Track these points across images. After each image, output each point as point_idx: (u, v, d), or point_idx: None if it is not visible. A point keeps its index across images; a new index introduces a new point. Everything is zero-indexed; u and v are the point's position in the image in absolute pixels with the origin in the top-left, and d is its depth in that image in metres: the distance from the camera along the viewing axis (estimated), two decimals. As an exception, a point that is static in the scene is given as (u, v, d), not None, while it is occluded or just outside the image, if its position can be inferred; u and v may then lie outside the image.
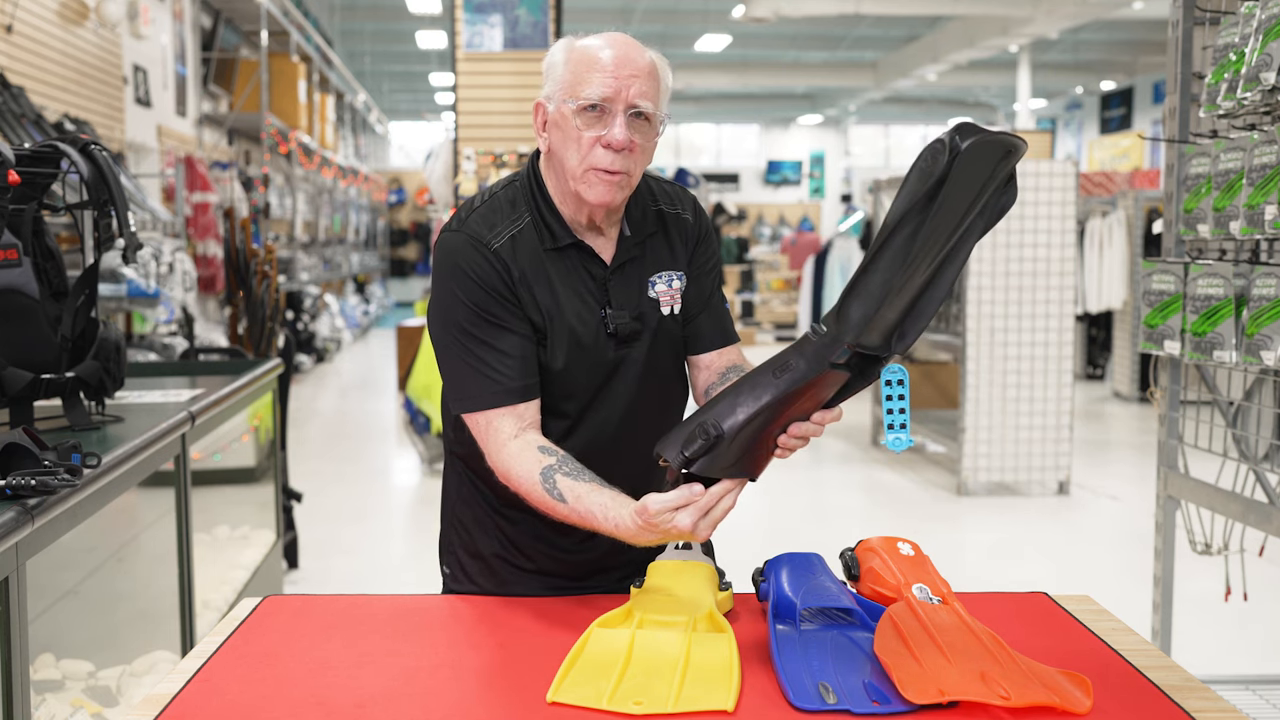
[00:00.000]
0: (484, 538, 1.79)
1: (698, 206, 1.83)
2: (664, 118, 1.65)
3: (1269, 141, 2.43)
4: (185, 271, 6.13)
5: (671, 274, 1.74)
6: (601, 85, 1.57)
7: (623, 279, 1.70)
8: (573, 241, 1.68)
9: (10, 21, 5.43)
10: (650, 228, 1.74)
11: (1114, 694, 1.31)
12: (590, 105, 1.58)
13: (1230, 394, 2.90)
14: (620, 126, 1.58)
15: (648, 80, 1.60)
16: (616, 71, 1.58)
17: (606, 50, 1.60)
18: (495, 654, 1.44)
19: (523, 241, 1.66)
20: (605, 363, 1.69)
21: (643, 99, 1.59)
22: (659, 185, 1.81)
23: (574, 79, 1.60)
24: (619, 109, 1.58)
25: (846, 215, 12.73)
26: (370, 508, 6.18)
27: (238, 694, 1.32)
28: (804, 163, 25.32)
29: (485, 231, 1.65)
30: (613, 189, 1.61)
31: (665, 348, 1.75)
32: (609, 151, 1.59)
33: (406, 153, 24.75)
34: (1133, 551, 5.13)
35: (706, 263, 1.80)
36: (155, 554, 3.03)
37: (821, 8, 13.08)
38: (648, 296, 1.72)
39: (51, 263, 2.42)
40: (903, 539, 1.60)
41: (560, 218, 1.68)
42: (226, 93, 9.87)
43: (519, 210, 1.68)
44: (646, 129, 1.62)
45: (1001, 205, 1.34)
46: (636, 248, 1.72)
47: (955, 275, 1.34)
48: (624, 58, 1.59)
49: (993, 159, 1.29)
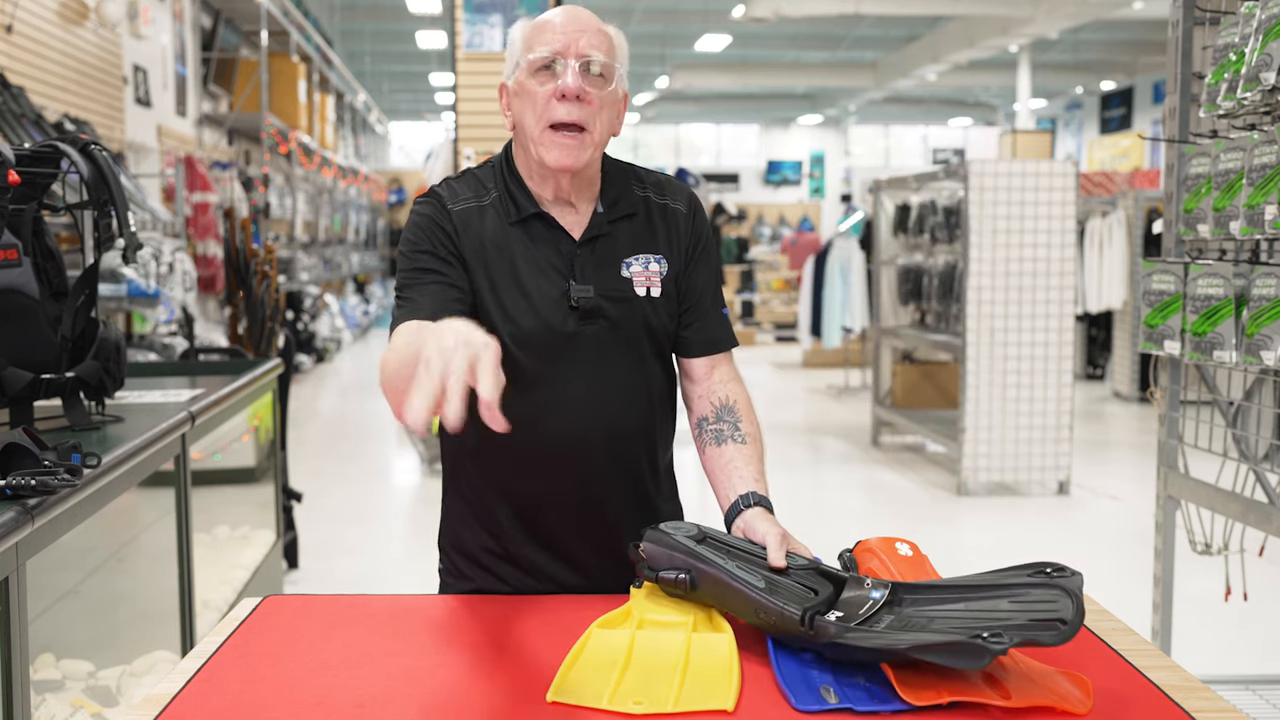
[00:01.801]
0: (468, 532, 1.79)
1: (695, 202, 1.81)
2: (621, 79, 1.66)
3: (1269, 141, 2.43)
4: (185, 271, 6.12)
5: (649, 256, 1.72)
6: (550, 42, 1.61)
7: (592, 255, 1.69)
8: (535, 212, 1.68)
9: (10, 21, 5.43)
10: (628, 209, 1.73)
11: (1114, 694, 1.30)
12: (543, 64, 1.61)
13: (1230, 394, 2.90)
14: (572, 74, 1.60)
15: (597, 35, 1.63)
16: (564, 28, 1.62)
17: (558, 16, 1.64)
18: (495, 654, 1.44)
19: (488, 216, 1.69)
20: (564, 335, 1.66)
21: (594, 49, 1.61)
22: (651, 175, 1.81)
23: (525, 46, 1.64)
24: (570, 60, 1.61)
25: (846, 215, 12.72)
26: (370, 508, 6.18)
27: (238, 694, 1.32)
28: (804, 163, 25.33)
29: (448, 197, 1.70)
30: (571, 150, 1.61)
31: (640, 329, 1.71)
32: (564, 104, 1.60)
33: (406, 153, 24.75)
34: (1133, 551, 5.13)
35: (699, 260, 1.77)
36: (155, 554, 3.03)
37: (821, 8, 13.09)
38: (621, 275, 1.70)
39: (51, 263, 2.42)
40: (901, 539, 1.60)
41: (527, 191, 1.70)
42: (226, 93, 9.87)
43: (487, 188, 1.71)
44: (601, 83, 1.63)
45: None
46: (610, 225, 1.71)
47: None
48: (572, 17, 1.64)
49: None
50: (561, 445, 1.69)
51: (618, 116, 1.70)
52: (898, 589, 1.40)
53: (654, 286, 1.72)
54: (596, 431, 1.69)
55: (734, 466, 1.69)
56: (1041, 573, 1.35)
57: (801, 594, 1.41)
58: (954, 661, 1.22)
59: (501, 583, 1.77)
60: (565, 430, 1.68)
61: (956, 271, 6.84)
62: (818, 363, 11.81)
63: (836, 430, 8.49)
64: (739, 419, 1.75)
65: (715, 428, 1.75)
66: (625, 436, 1.72)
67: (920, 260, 7.60)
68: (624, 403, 1.71)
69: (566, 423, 1.68)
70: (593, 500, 1.72)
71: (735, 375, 1.81)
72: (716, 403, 1.77)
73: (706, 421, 1.76)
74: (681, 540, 1.49)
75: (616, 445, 1.71)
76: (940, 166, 8.16)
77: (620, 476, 1.74)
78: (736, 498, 1.65)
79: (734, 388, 1.79)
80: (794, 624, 1.34)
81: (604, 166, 1.75)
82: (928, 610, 1.36)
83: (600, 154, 1.70)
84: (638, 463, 1.76)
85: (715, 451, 1.73)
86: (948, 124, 25.73)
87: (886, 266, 8.03)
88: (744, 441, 1.72)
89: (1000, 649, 1.19)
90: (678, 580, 1.45)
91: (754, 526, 1.58)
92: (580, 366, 1.68)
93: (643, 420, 1.75)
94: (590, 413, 1.69)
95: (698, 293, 1.77)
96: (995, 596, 1.33)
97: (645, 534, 1.52)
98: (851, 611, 1.35)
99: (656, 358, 1.76)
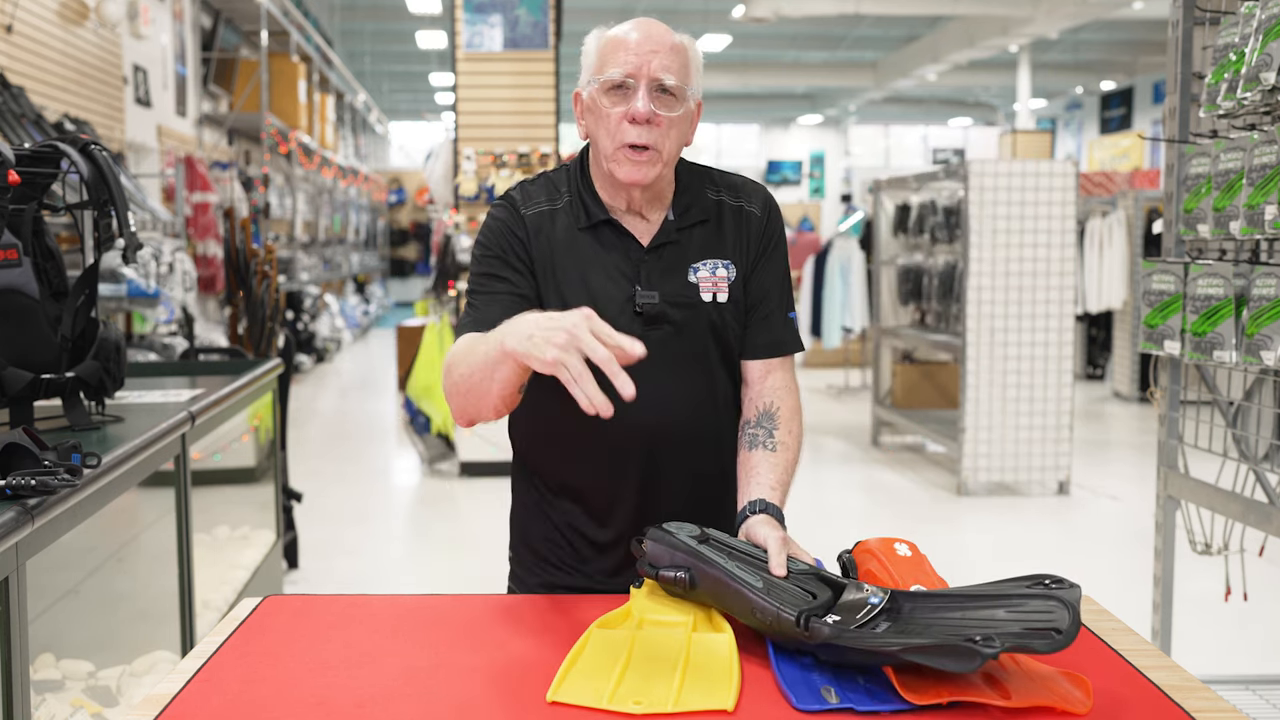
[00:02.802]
0: (534, 527, 1.82)
1: (770, 204, 1.82)
2: (694, 93, 1.68)
3: (1269, 141, 2.43)
4: (185, 271, 6.13)
5: (718, 262, 1.74)
6: (624, 63, 1.63)
7: (660, 261, 1.71)
8: (605, 219, 1.71)
9: (10, 21, 5.43)
10: (700, 215, 1.75)
11: (1114, 694, 1.30)
12: (615, 84, 1.64)
13: (1230, 394, 2.90)
14: (643, 98, 1.62)
15: (670, 55, 1.64)
16: (638, 49, 1.63)
17: (632, 32, 1.66)
18: (495, 654, 1.44)
19: (559, 219, 1.72)
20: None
21: (665, 72, 1.63)
22: (724, 177, 1.83)
23: (600, 62, 1.66)
24: (641, 83, 1.63)
25: (846, 215, 12.72)
26: (370, 508, 6.18)
27: (238, 694, 1.32)
28: (804, 163, 25.32)
29: (522, 201, 1.74)
30: (642, 166, 1.64)
31: (706, 335, 1.73)
32: (635, 126, 1.62)
33: (406, 153, 24.74)
34: (1133, 551, 5.13)
35: (769, 260, 1.78)
36: (155, 554, 3.03)
37: (821, 8, 13.08)
38: (688, 281, 1.72)
39: (51, 263, 2.42)
40: (900, 539, 1.60)
41: (599, 199, 1.73)
42: (226, 93, 9.87)
43: (560, 191, 1.75)
44: (672, 103, 1.64)
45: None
46: (679, 233, 1.73)
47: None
48: (647, 35, 1.64)
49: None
50: (625, 449, 1.70)
51: (690, 128, 1.72)
52: (897, 596, 1.40)
53: (720, 292, 1.73)
54: (660, 436, 1.71)
55: (756, 473, 1.70)
56: (1040, 584, 1.35)
57: (800, 597, 1.41)
58: (945, 664, 1.22)
59: (569, 576, 1.79)
60: (628, 434, 1.68)
61: (956, 271, 6.84)
62: (818, 363, 11.82)
63: (836, 430, 8.49)
64: (776, 425, 1.75)
65: (753, 432, 1.76)
66: (688, 441, 1.73)
67: (920, 260, 7.60)
68: (688, 408, 1.72)
69: (629, 426, 1.67)
70: (656, 504, 1.73)
71: (788, 383, 1.80)
72: (761, 407, 1.77)
73: (748, 425, 1.77)
74: (683, 540, 1.49)
75: (679, 450, 1.72)
76: (940, 166, 8.16)
77: (684, 480, 1.75)
78: (745, 504, 1.66)
79: (783, 395, 1.78)
80: (790, 626, 1.34)
81: (677, 172, 1.77)
82: (925, 617, 1.36)
83: (672, 168, 1.73)
84: (701, 466, 1.77)
85: (745, 456, 1.74)
86: (948, 124, 25.73)
87: (886, 266, 8.03)
88: (774, 449, 1.72)
89: (991, 653, 1.20)
90: (676, 579, 1.46)
91: (756, 531, 1.58)
92: (645, 371, 1.68)
93: (707, 425, 1.76)
94: (654, 417, 1.69)
95: (764, 292, 1.78)
96: (993, 606, 1.34)
97: (648, 532, 1.52)
98: (849, 616, 1.36)
99: (722, 363, 1.77)
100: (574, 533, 1.79)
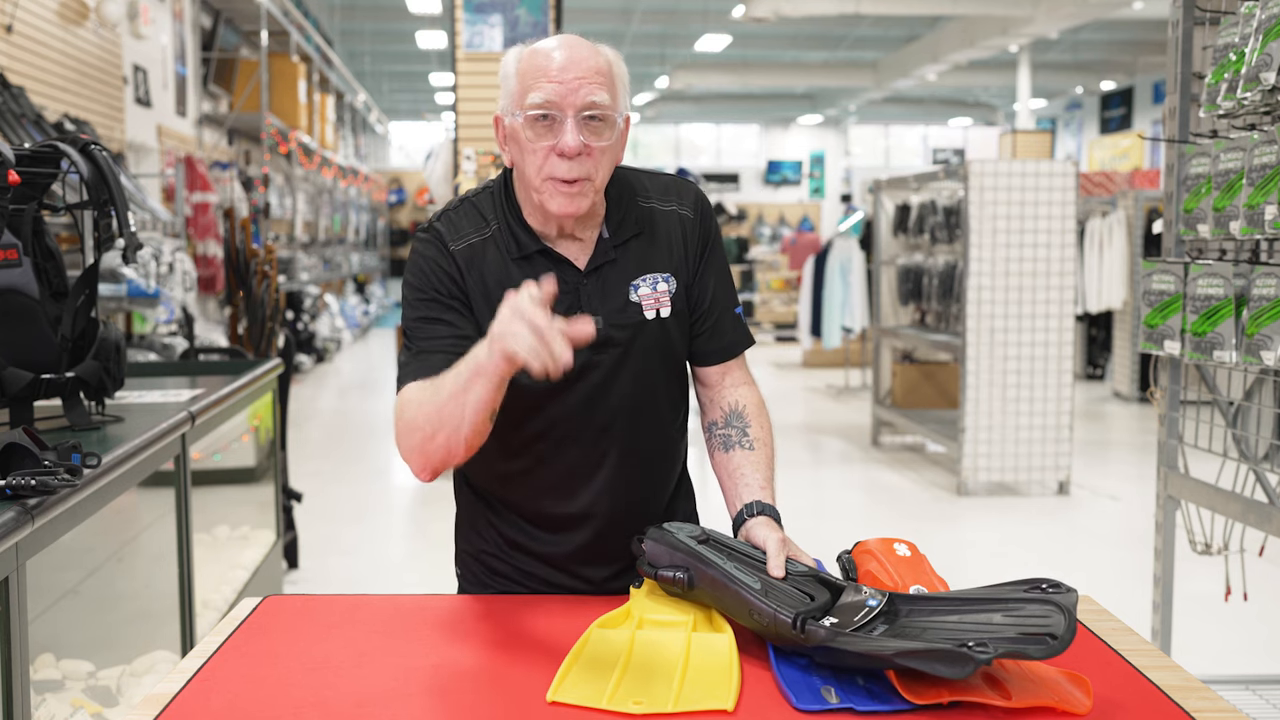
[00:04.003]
0: (477, 537, 1.80)
1: (701, 200, 1.76)
2: (622, 113, 1.60)
3: (1269, 141, 2.43)
4: (185, 271, 6.12)
5: (657, 276, 1.68)
6: (547, 92, 1.53)
7: (599, 284, 1.65)
8: (539, 249, 1.64)
9: (10, 21, 5.43)
10: (634, 229, 1.69)
11: (1114, 694, 1.31)
12: (539, 115, 1.54)
13: (1230, 394, 2.90)
14: (571, 132, 1.53)
15: (596, 79, 1.55)
16: (561, 76, 1.53)
17: (553, 54, 1.55)
18: (495, 654, 1.44)
19: (489, 251, 1.64)
20: (576, 368, 1.55)
21: (592, 97, 1.53)
22: (654, 180, 1.75)
23: (521, 89, 1.56)
24: (568, 114, 1.53)
25: (846, 215, 12.72)
26: (370, 508, 6.18)
27: (238, 694, 1.32)
28: (804, 163, 25.31)
29: (449, 235, 1.65)
30: (574, 199, 1.56)
31: (652, 352, 1.68)
32: (564, 160, 1.54)
33: (406, 153, 24.74)
34: (1133, 551, 5.13)
35: (708, 261, 1.74)
36: (155, 554, 3.03)
37: (821, 8, 13.08)
38: (630, 301, 1.66)
39: (51, 263, 2.42)
40: (900, 539, 1.60)
41: (528, 227, 1.64)
42: (226, 93, 9.87)
43: (487, 220, 1.66)
44: (602, 129, 1.56)
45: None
46: (615, 250, 1.66)
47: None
48: (569, 60, 1.54)
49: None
50: (576, 472, 1.68)
51: (621, 148, 1.64)
52: (895, 599, 1.40)
53: (663, 307, 1.68)
54: (611, 457, 1.68)
55: (741, 474, 1.69)
56: (1037, 588, 1.35)
57: (797, 598, 1.41)
58: (938, 669, 1.22)
59: (518, 585, 1.77)
60: (579, 458, 1.67)
61: (956, 271, 6.84)
62: (818, 363, 11.81)
63: (836, 430, 8.49)
64: (748, 424, 1.74)
65: (724, 433, 1.74)
66: (640, 458, 1.72)
67: (920, 260, 7.60)
68: (638, 427, 1.70)
69: (581, 452, 1.68)
70: (610, 519, 1.70)
71: (747, 378, 1.80)
72: (726, 407, 1.76)
73: (716, 426, 1.76)
74: (684, 540, 1.49)
75: (631, 469, 1.70)
76: (940, 166, 8.16)
77: (636, 496, 1.73)
78: (742, 507, 1.64)
79: (745, 391, 1.77)
80: (786, 628, 1.34)
81: (606, 187, 1.69)
82: (921, 621, 1.36)
83: (603, 191, 1.66)
84: (652, 481, 1.76)
85: (723, 458, 1.73)
86: (948, 124, 25.73)
87: (886, 266, 8.03)
88: (751, 448, 1.71)
89: (985, 659, 1.20)
90: (675, 579, 1.46)
91: (755, 533, 1.58)
92: (588, 395, 1.65)
93: (658, 442, 1.75)
94: (606, 440, 1.68)
95: (710, 296, 1.74)
96: (989, 610, 1.34)
97: (648, 532, 1.52)
98: (846, 618, 1.36)
99: (670, 376, 1.74)
100: (520, 551, 1.75)
